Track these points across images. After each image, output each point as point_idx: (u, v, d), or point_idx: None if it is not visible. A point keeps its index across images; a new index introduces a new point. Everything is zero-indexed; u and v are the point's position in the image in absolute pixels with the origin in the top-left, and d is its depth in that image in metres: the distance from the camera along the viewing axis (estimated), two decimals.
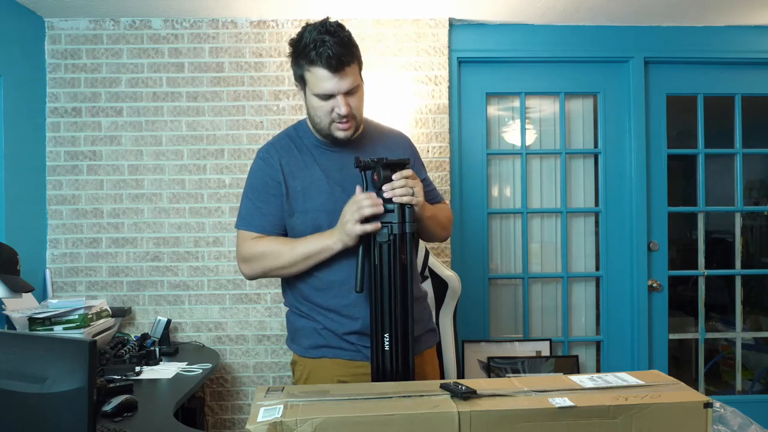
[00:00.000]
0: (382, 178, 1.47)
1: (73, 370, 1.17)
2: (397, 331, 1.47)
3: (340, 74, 1.47)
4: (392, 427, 1.05)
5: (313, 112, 1.54)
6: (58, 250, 2.84)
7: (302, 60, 1.49)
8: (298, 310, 1.64)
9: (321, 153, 1.62)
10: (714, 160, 3.34)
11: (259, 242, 1.59)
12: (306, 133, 1.64)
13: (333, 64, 1.44)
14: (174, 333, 2.82)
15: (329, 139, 1.58)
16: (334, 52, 1.43)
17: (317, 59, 1.45)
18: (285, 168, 1.59)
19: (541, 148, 3.14)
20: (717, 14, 2.85)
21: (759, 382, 3.42)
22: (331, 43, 1.43)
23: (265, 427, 1.02)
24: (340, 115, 1.50)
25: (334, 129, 1.54)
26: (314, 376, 1.59)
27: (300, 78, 1.53)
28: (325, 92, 1.49)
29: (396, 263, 1.46)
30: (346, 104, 1.50)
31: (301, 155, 1.61)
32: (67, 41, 2.83)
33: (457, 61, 2.94)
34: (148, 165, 2.85)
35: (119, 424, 1.62)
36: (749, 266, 3.65)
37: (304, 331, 1.62)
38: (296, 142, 1.64)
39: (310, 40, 1.45)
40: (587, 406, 1.09)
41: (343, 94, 1.49)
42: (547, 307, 3.12)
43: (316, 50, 1.44)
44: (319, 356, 1.59)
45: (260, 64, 2.86)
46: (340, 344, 1.58)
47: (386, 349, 1.47)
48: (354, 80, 1.50)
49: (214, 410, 2.86)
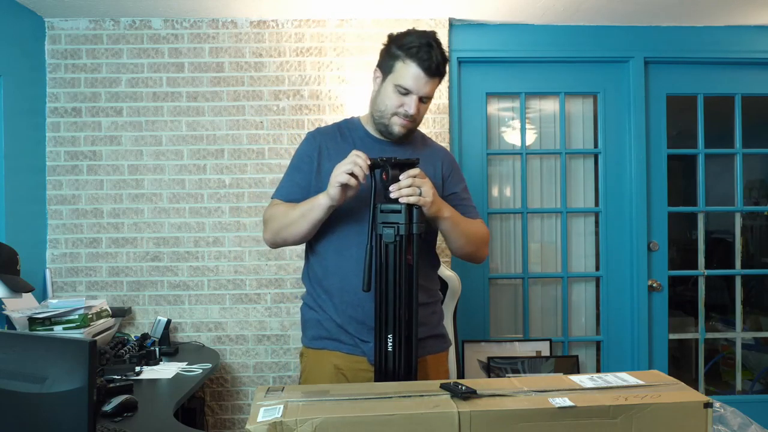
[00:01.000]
0: (391, 176, 1.47)
1: (73, 370, 1.17)
2: (401, 332, 1.47)
3: (428, 79, 1.58)
4: (392, 427, 1.05)
5: (384, 98, 1.63)
6: (58, 250, 2.84)
7: (400, 51, 1.58)
8: (309, 300, 1.72)
9: (363, 144, 1.68)
10: (714, 160, 3.34)
11: (274, 207, 1.69)
12: (355, 126, 1.75)
13: (430, 68, 1.57)
14: (174, 333, 2.82)
15: (384, 130, 1.66)
16: (435, 59, 1.56)
17: (417, 57, 1.56)
18: (323, 149, 1.68)
19: (541, 148, 3.14)
20: (717, 14, 2.85)
21: (759, 382, 3.42)
22: (436, 52, 1.57)
23: (265, 427, 1.02)
24: (407, 113, 1.60)
25: (394, 121, 1.63)
26: (316, 365, 1.67)
27: (387, 65, 1.62)
28: (407, 87, 1.58)
29: (402, 264, 1.46)
30: (416, 106, 1.60)
31: (344, 143, 1.69)
32: (67, 41, 2.83)
33: (457, 61, 2.94)
34: (148, 165, 2.85)
35: (119, 424, 1.62)
36: (749, 266, 3.65)
37: (310, 323, 1.71)
38: (342, 131, 1.73)
39: (417, 41, 1.57)
40: (587, 406, 1.09)
41: (418, 97, 1.60)
42: (547, 307, 3.12)
43: (420, 50, 1.56)
44: (320, 347, 1.67)
45: (260, 64, 2.86)
46: (339, 336, 1.63)
47: (389, 349, 1.47)
48: (432, 91, 1.62)
49: (214, 410, 2.86)
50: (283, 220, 1.63)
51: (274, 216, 1.66)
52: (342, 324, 1.63)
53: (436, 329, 1.73)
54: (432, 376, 1.67)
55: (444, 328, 1.79)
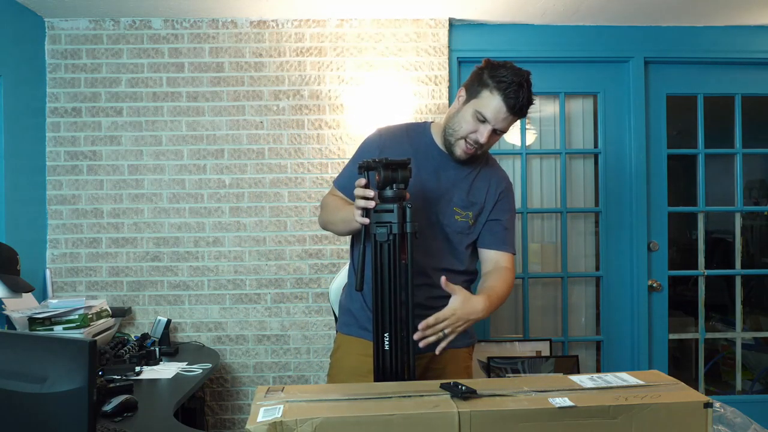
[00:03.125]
0: (383, 177, 1.47)
1: (73, 370, 1.17)
2: (397, 331, 1.47)
3: (508, 114, 1.60)
4: (392, 427, 1.05)
5: (460, 120, 1.64)
6: (58, 250, 2.84)
7: (492, 81, 1.60)
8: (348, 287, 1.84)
9: (426, 152, 1.71)
10: (714, 160, 3.34)
11: (329, 197, 1.78)
12: (425, 132, 1.76)
13: (513, 106, 1.58)
14: (174, 333, 2.82)
15: (447, 147, 1.68)
16: (521, 100, 1.58)
17: (505, 92, 1.57)
18: (386, 148, 1.70)
19: (541, 148, 3.14)
20: (717, 14, 2.85)
21: (759, 382, 3.42)
22: (524, 93, 1.58)
23: (265, 427, 1.02)
24: (477, 140, 1.62)
25: (459, 144, 1.65)
26: (342, 350, 1.78)
27: (474, 89, 1.63)
28: (485, 116, 1.60)
29: (396, 263, 1.46)
30: (487, 137, 1.62)
31: (407, 145, 1.72)
32: (67, 41, 2.83)
33: (457, 61, 2.94)
34: (148, 165, 2.85)
35: (119, 424, 1.62)
36: (749, 266, 3.65)
37: (342, 310, 1.83)
38: (411, 134, 1.76)
39: (510, 77, 1.58)
40: (587, 406, 1.09)
41: (493, 128, 1.61)
42: (546, 307, 3.12)
43: (510, 87, 1.57)
44: (348, 333, 1.77)
45: (260, 64, 2.86)
46: (365, 324, 1.70)
47: (386, 348, 1.47)
48: (507, 127, 1.64)
49: (214, 410, 2.86)
50: (330, 216, 1.72)
51: (326, 207, 1.76)
52: (367, 311, 1.67)
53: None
54: (450, 369, 1.68)
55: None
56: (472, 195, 1.72)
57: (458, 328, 1.48)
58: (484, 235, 1.73)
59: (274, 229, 2.85)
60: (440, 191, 1.69)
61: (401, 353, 1.47)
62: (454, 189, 1.70)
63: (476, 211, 1.71)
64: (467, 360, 1.78)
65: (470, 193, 1.71)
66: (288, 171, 2.86)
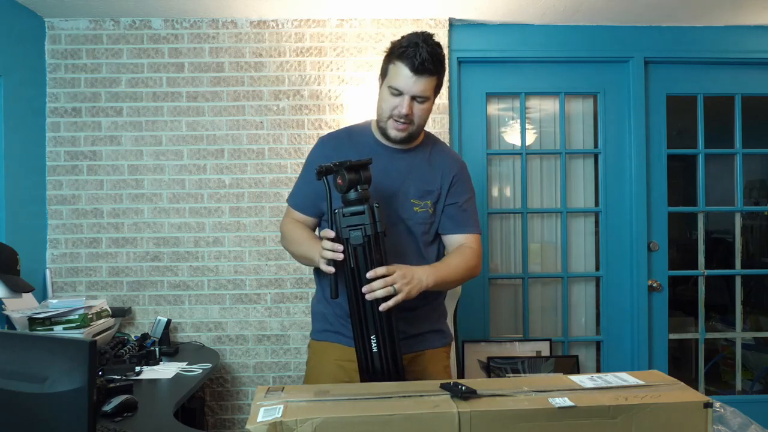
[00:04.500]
0: (347, 180, 1.45)
1: (73, 370, 1.17)
2: (383, 332, 1.47)
3: (417, 77, 1.57)
4: (392, 427, 1.05)
5: (381, 103, 1.65)
6: (58, 250, 2.84)
7: (393, 55, 1.61)
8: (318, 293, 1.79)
9: (371, 152, 1.67)
10: (714, 160, 3.34)
11: (288, 224, 1.77)
12: (366, 132, 1.75)
13: (415, 66, 1.55)
14: (174, 333, 2.82)
15: (383, 133, 1.67)
16: (420, 57, 1.55)
17: (404, 57, 1.56)
18: (331, 155, 1.67)
19: (541, 148, 3.14)
20: (717, 14, 2.85)
21: (759, 382, 3.42)
22: (422, 50, 1.55)
23: (265, 427, 1.02)
24: (399, 114, 1.60)
25: (390, 125, 1.64)
26: (319, 357, 1.74)
27: (384, 70, 1.64)
28: (397, 87, 1.58)
29: (373, 265, 1.46)
30: (408, 106, 1.59)
31: (352, 149, 1.69)
32: (67, 41, 2.83)
33: (457, 61, 2.94)
34: (148, 165, 2.85)
35: (119, 424, 1.62)
36: (749, 266, 3.64)
37: (317, 316, 1.78)
38: (353, 136, 1.75)
39: (408, 41, 1.58)
40: (587, 406, 1.09)
41: (411, 97, 1.59)
42: (546, 307, 3.12)
43: (407, 49, 1.56)
44: (323, 339, 1.74)
45: (260, 64, 2.86)
46: (341, 329, 1.67)
47: (374, 350, 1.47)
48: (426, 91, 1.60)
49: (214, 410, 2.86)
50: (292, 247, 1.74)
51: (288, 237, 1.75)
52: (343, 316, 1.64)
53: (435, 325, 1.74)
54: (430, 370, 1.68)
55: (445, 325, 1.79)
56: (426, 183, 1.69)
57: (405, 286, 1.46)
58: (443, 222, 1.71)
59: (274, 229, 2.85)
60: (394, 187, 1.66)
61: (389, 353, 1.47)
62: (408, 181, 1.68)
63: (433, 199, 1.69)
64: (445, 360, 1.77)
65: (424, 182, 1.69)
66: (288, 171, 2.86)
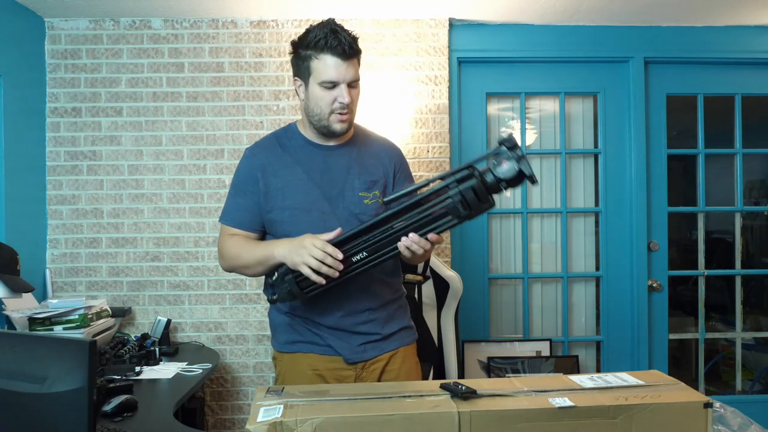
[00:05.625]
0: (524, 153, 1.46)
1: (73, 370, 1.17)
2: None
3: (347, 63, 1.54)
4: (392, 427, 1.05)
5: (315, 102, 1.58)
6: (58, 250, 2.84)
7: (310, 51, 1.55)
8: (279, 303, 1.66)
9: (305, 154, 1.65)
10: (714, 160, 3.34)
11: (229, 240, 1.65)
12: (294, 134, 1.69)
13: (344, 51, 1.52)
14: (174, 333, 2.82)
15: (325, 131, 1.61)
16: (344, 41, 1.52)
17: (327, 47, 1.52)
18: (267, 166, 1.64)
19: (541, 148, 3.14)
20: (717, 14, 2.85)
21: (759, 382, 3.42)
22: (343, 35, 1.53)
23: (265, 427, 1.02)
24: (342, 104, 1.55)
25: (333, 120, 1.58)
26: (292, 370, 1.65)
27: (304, 70, 1.58)
28: (331, 79, 1.54)
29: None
30: (348, 94, 1.55)
31: (285, 154, 1.65)
32: (67, 41, 2.83)
33: (457, 61, 2.94)
34: (148, 165, 2.85)
35: (119, 424, 1.62)
36: (749, 266, 3.64)
37: (281, 327, 1.68)
38: (282, 142, 1.69)
39: (320, 33, 1.53)
40: (587, 406, 1.09)
41: (346, 84, 1.55)
42: (547, 307, 3.12)
43: (327, 39, 1.52)
44: (294, 351, 1.66)
45: (260, 64, 2.86)
46: (313, 339, 1.63)
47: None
48: (356, 73, 1.57)
49: (214, 410, 2.86)
50: (238, 260, 1.62)
51: (229, 253, 1.64)
52: (312, 326, 1.62)
53: (404, 322, 1.73)
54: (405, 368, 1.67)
55: (411, 321, 1.78)
56: (369, 174, 1.66)
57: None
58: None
59: None
60: (339, 184, 1.62)
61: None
62: (351, 175, 1.63)
63: (381, 188, 1.66)
64: (414, 356, 1.76)
65: (367, 173, 1.65)
66: None
